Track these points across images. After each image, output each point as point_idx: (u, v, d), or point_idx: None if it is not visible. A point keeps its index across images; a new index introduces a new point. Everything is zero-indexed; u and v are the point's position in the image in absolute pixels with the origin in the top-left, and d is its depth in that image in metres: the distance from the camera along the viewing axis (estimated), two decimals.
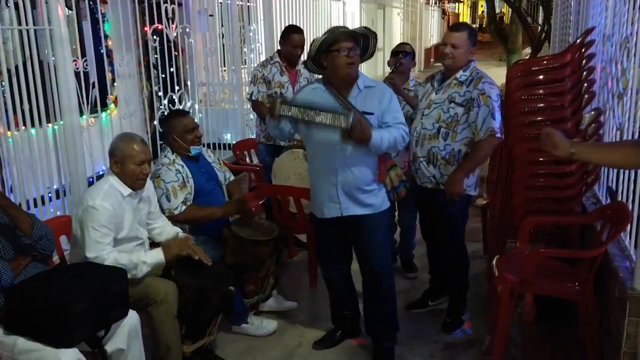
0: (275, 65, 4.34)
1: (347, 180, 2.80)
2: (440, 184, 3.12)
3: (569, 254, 3.18)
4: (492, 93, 2.95)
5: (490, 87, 2.97)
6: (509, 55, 11.81)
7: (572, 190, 3.27)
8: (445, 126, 3.05)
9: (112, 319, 2.45)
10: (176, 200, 3.10)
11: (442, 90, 3.08)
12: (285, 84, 4.33)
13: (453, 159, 3.07)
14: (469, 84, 3.01)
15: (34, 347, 2.25)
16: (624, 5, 3.12)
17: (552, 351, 3.13)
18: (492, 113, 2.94)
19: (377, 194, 2.89)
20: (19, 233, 2.50)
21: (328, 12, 9.81)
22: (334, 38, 2.70)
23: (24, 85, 3.40)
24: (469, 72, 3.04)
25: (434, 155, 3.09)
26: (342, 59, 2.69)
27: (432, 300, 3.59)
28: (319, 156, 2.84)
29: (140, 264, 2.65)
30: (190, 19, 6.08)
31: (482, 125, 2.97)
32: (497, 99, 2.97)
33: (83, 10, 4.58)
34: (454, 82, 3.05)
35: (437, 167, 3.10)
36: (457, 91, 3.03)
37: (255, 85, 4.32)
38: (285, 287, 3.79)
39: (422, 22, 20.51)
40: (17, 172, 3.42)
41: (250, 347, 3.24)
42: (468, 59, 3.05)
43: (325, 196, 2.87)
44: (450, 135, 3.04)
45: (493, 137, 2.98)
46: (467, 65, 3.04)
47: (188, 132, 3.18)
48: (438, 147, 3.07)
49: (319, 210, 2.94)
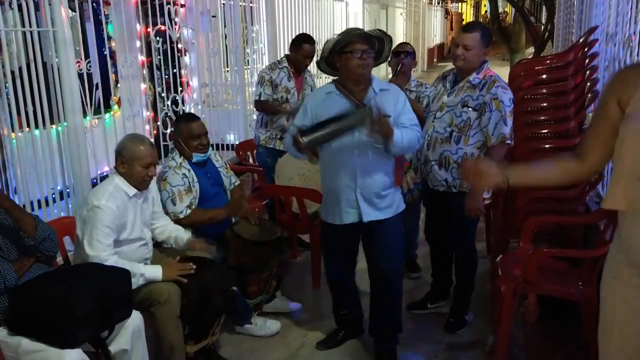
0: (284, 70, 4.35)
1: (366, 185, 2.76)
2: (452, 187, 3.08)
3: (572, 253, 3.17)
4: (504, 98, 2.88)
5: (503, 91, 2.89)
6: (512, 55, 11.81)
7: (575, 190, 3.27)
8: (457, 130, 2.99)
9: (116, 319, 2.45)
10: (182, 204, 3.11)
11: (454, 93, 3.01)
12: (291, 89, 4.35)
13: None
14: (482, 87, 2.93)
15: (38, 348, 2.25)
16: (627, 4, 3.12)
17: (554, 351, 3.12)
18: (504, 119, 2.87)
19: (393, 197, 2.86)
20: (23, 234, 2.51)
21: (331, 12, 9.81)
22: (348, 39, 2.66)
23: (28, 86, 3.42)
24: (482, 74, 2.95)
25: (445, 159, 3.05)
26: (355, 61, 2.65)
27: (431, 303, 3.56)
28: (337, 162, 2.77)
29: (138, 276, 2.64)
30: (194, 20, 6.10)
31: (493, 130, 2.90)
32: (509, 104, 2.89)
33: (86, 12, 4.59)
34: (467, 85, 2.97)
35: (449, 170, 3.06)
36: (470, 95, 2.95)
37: (262, 86, 4.33)
38: (288, 288, 3.79)
39: (425, 22, 20.47)
40: (21, 174, 3.43)
41: (254, 348, 3.24)
42: (481, 60, 2.97)
43: (343, 202, 2.81)
44: (463, 139, 2.99)
45: (504, 143, 2.92)
46: (480, 68, 2.96)
47: (192, 138, 3.17)
48: (450, 151, 3.02)
49: (336, 216, 2.86)
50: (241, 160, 5.19)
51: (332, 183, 2.83)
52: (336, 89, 2.77)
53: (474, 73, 2.96)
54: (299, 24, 7.85)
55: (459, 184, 3.06)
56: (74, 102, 3.67)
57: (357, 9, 12.24)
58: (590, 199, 3.55)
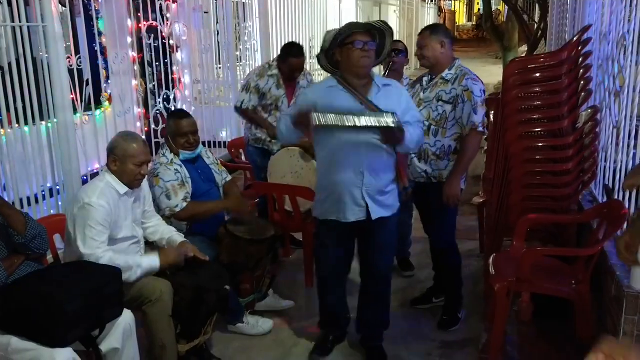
0: (273, 77, 4.15)
1: (372, 183, 2.75)
2: (432, 178, 3.17)
3: (565, 252, 3.18)
4: (474, 89, 3.00)
5: (473, 83, 3.01)
6: (505, 53, 11.82)
7: (568, 188, 3.27)
8: (435, 124, 3.10)
9: (107, 318, 2.43)
10: (177, 199, 3.08)
11: (429, 89, 3.14)
12: (281, 97, 4.16)
13: (443, 154, 3.12)
14: (455, 81, 3.06)
15: (28, 347, 2.23)
16: (620, 3, 3.12)
17: (548, 349, 3.12)
18: (475, 108, 2.99)
19: (394, 195, 2.88)
20: (13, 232, 2.48)
21: (324, 9, 9.78)
22: (350, 31, 2.63)
23: (17, 82, 3.38)
24: (454, 70, 3.09)
25: (424, 152, 3.14)
26: (357, 52, 2.61)
27: (436, 297, 3.59)
28: (342, 160, 2.73)
29: (135, 267, 2.62)
30: (186, 16, 6.06)
31: (467, 121, 3.03)
32: (480, 95, 3.00)
33: (77, 7, 4.54)
34: (441, 80, 3.10)
35: (428, 162, 3.16)
36: (443, 89, 3.08)
37: (247, 93, 4.15)
38: (281, 286, 3.77)
39: (418, 19, 20.47)
40: (11, 171, 3.40)
41: (246, 347, 3.22)
42: (450, 56, 3.10)
43: (348, 199, 2.77)
44: (440, 132, 3.10)
45: (475, 131, 3.02)
46: (451, 64, 3.10)
47: (180, 135, 3.13)
48: (429, 144, 3.12)
49: (340, 214, 2.82)
50: (233, 157, 5.17)
51: (335, 180, 2.78)
52: (338, 83, 2.73)
53: (446, 70, 3.09)
54: (291, 20, 7.82)
55: (439, 175, 3.15)
56: (65, 98, 3.64)
57: (350, 5, 12.22)
58: (584, 198, 3.56)
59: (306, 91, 2.89)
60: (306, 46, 8.51)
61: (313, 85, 3.00)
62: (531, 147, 3.36)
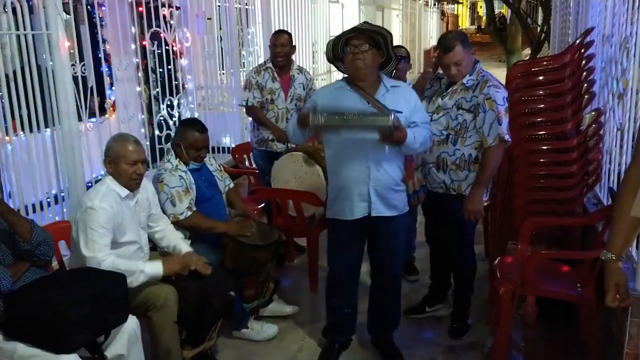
0: (268, 71, 4.26)
1: (379, 178, 2.76)
2: (451, 189, 3.06)
3: (570, 255, 3.16)
4: (497, 97, 2.86)
5: (496, 91, 2.87)
6: (508, 56, 11.83)
7: (573, 191, 3.26)
8: (454, 133, 2.99)
9: (112, 324, 2.43)
10: (181, 205, 3.08)
11: (448, 95, 3.00)
12: (276, 90, 4.24)
13: (463, 164, 3.00)
14: (475, 88, 2.93)
15: (33, 353, 2.23)
16: (623, 5, 3.12)
17: (554, 353, 3.11)
18: (499, 118, 2.85)
19: (402, 196, 2.88)
20: (18, 239, 2.49)
21: (327, 14, 9.80)
22: (343, 36, 2.70)
23: (22, 90, 3.40)
24: (475, 75, 2.96)
25: (443, 161, 3.04)
26: (350, 56, 2.68)
27: (429, 306, 3.55)
28: (347, 155, 2.76)
29: (138, 273, 2.62)
30: (189, 23, 6.08)
31: (489, 131, 2.89)
32: (503, 103, 2.88)
33: (81, 15, 4.57)
34: (461, 87, 2.96)
35: (447, 172, 3.05)
36: (463, 97, 2.95)
37: (250, 91, 4.25)
38: (285, 292, 3.77)
39: (421, 23, 20.49)
40: (16, 178, 3.41)
41: (251, 352, 3.22)
42: (472, 60, 2.98)
43: (355, 195, 2.79)
44: (460, 140, 2.99)
45: (502, 142, 2.90)
46: (473, 69, 2.97)
47: (194, 148, 3.16)
48: (447, 153, 3.02)
49: (347, 211, 2.84)
50: (237, 163, 5.17)
51: (343, 178, 2.81)
52: (347, 84, 2.78)
53: (467, 75, 2.96)
54: (294, 26, 7.83)
55: (458, 186, 3.05)
56: (69, 105, 3.65)
57: (353, 10, 12.24)
58: (588, 201, 3.55)
59: (317, 91, 2.94)
60: (309, 51, 8.55)
61: (323, 87, 3.05)
62: (535, 150, 3.35)
